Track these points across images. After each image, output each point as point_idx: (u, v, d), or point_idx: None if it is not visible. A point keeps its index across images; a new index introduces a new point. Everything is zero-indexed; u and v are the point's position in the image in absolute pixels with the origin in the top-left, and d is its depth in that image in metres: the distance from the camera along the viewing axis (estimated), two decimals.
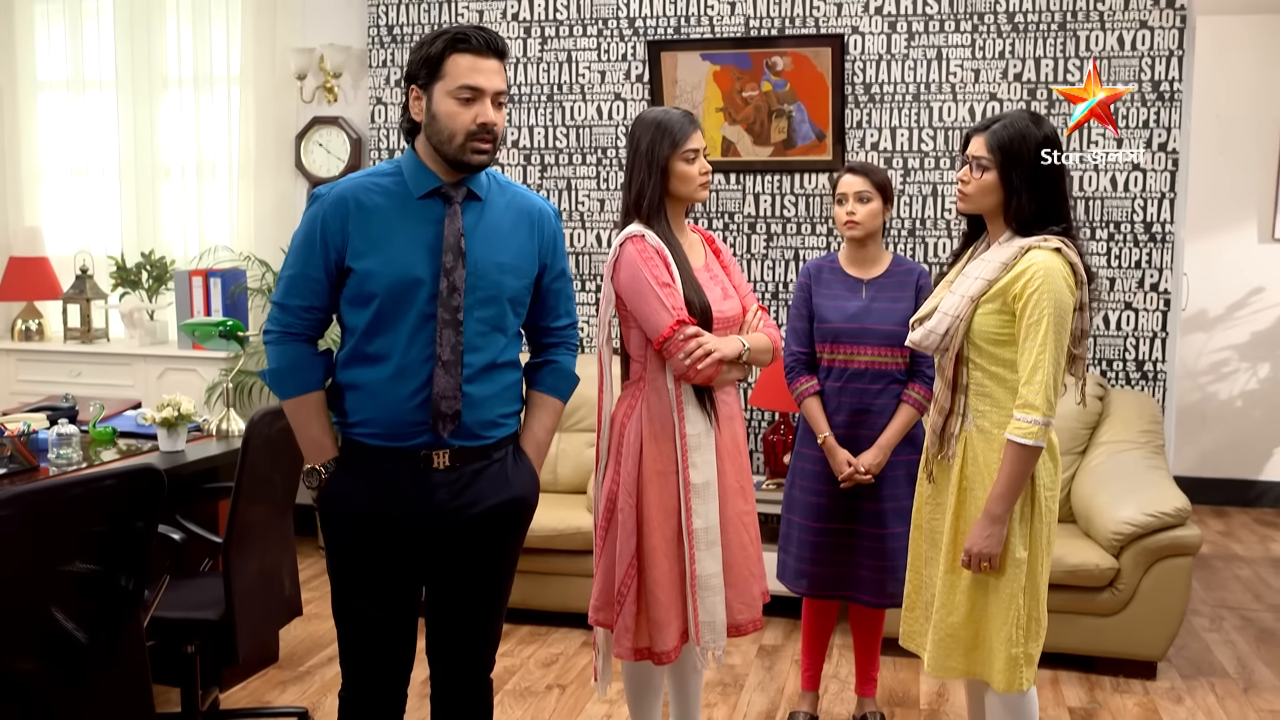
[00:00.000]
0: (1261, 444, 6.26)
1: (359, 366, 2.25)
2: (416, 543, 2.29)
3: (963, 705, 3.60)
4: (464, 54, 2.16)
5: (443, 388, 2.21)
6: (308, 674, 3.81)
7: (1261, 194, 6.12)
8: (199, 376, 5.02)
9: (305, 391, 2.28)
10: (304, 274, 2.25)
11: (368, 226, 2.21)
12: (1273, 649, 4.14)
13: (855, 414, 3.18)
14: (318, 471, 2.29)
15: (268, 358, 2.30)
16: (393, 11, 5.10)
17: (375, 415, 2.24)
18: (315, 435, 2.29)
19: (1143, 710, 3.59)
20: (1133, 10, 4.45)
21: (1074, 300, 2.44)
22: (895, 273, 3.26)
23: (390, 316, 2.21)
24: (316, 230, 2.23)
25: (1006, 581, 2.49)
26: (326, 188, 2.27)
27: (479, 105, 2.17)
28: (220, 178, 5.40)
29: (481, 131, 2.17)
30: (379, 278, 2.20)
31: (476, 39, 2.17)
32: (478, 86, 2.16)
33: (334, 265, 2.23)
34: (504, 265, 2.30)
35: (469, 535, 2.31)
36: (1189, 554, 3.72)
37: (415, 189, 2.24)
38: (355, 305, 2.24)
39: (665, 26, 4.84)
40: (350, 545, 2.31)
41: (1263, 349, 6.20)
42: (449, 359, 2.21)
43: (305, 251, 2.25)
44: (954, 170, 4.65)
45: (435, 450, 2.25)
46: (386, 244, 2.21)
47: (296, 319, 2.27)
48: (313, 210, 2.26)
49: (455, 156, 2.19)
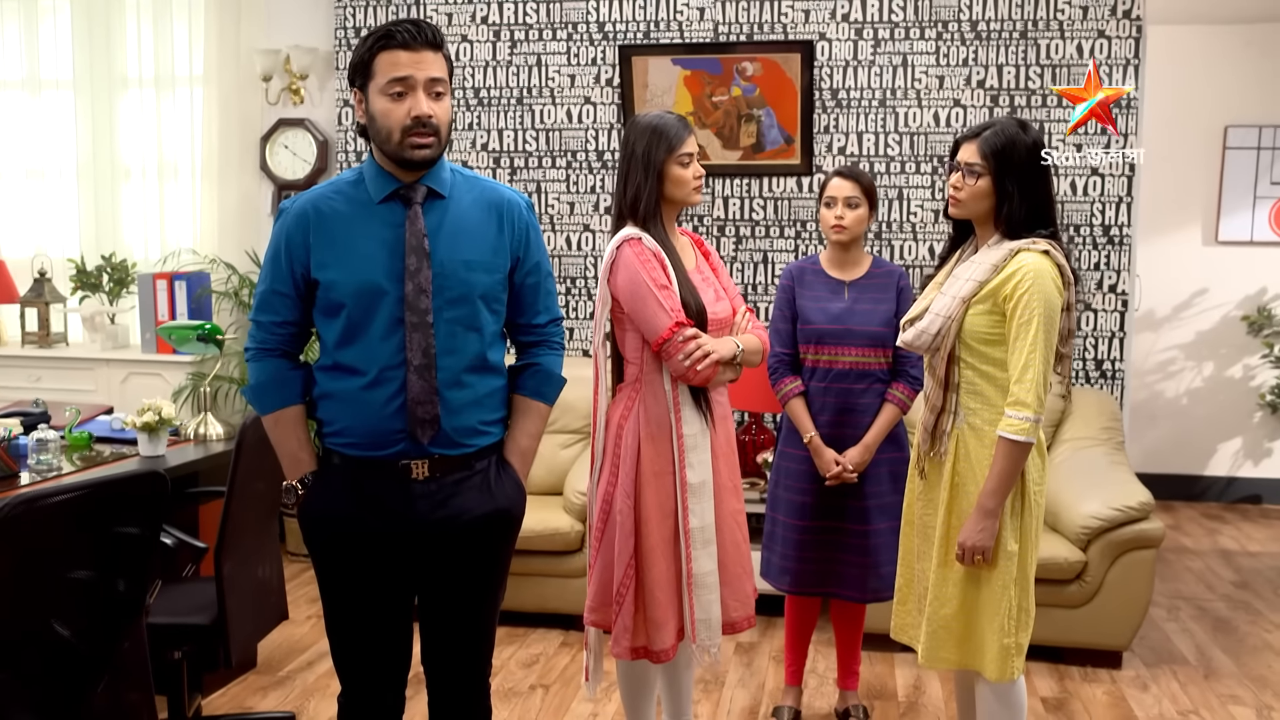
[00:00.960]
0: (1206, 440, 6.47)
1: (334, 376, 2.22)
2: (400, 554, 2.25)
3: (939, 697, 3.70)
4: (391, 49, 2.11)
5: (417, 393, 2.16)
6: (288, 679, 3.79)
7: (1205, 198, 6.32)
8: (164, 381, 4.96)
9: (283, 406, 2.25)
10: (273, 289, 2.23)
11: (329, 236, 2.18)
12: (1228, 637, 4.29)
13: (840, 413, 3.24)
14: (294, 487, 2.26)
15: (249, 374, 2.29)
16: (360, 13, 5.08)
17: (352, 424, 2.20)
18: (292, 450, 2.26)
19: (1111, 698, 3.70)
20: (1091, 20, 4.59)
21: (1062, 300, 2.53)
22: (876, 274, 3.33)
23: (360, 325, 2.17)
24: (281, 245, 2.21)
25: (998, 574, 2.57)
26: (291, 200, 2.25)
27: (410, 99, 2.11)
28: (182, 179, 5.34)
29: (416, 125, 2.11)
30: (343, 286, 2.16)
31: (402, 33, 2.12)
32: (405, 77, 2.11)
33: (300, 279, 2.20)
34: (472, 262, 2.23)
35: (453, 548, 2.27)
36: (1153, 546, 3.85)
37: (375, 193, 2.20)
38: (326, 316, 2.22)
39: (635, 31, 4.88)
40: (333, 558, 2.27)
41: (1207, 348, 6.40)
42: (421, 363, 2.16)
43: (273, 267, 2.22)
44: (919, 175, 4.76)
45: (414, 460, 2.20)
46: (348, 252, 2.17)
47: (270, 334, 2.25)
48: (278, 225, 2.24)
49: (396, 154, 2.15)
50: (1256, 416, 6.40)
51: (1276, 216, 6.26)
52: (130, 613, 2.39)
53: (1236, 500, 6.46)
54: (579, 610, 4.17)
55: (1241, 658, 4.07)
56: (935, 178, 4.76)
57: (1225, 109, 6.21)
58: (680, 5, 4.84)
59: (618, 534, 2.78)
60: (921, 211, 4.78)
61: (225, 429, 3.82)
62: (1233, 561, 5.32)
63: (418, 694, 2.66)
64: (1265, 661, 4.04)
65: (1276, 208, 6.25)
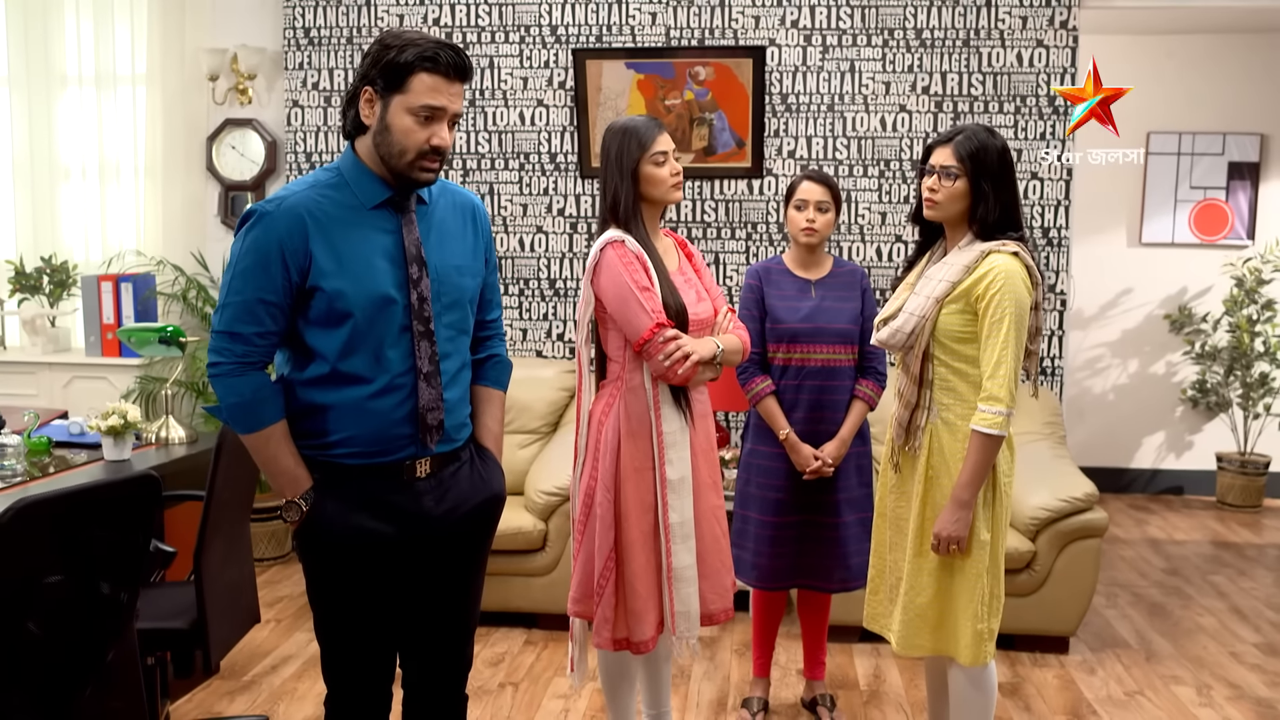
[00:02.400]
0: (1131, 435, 6.73)
1: (333, 387, 2.15)
2: (406, 555, 2.25)
3: (899, 685, 3.81)
4: (431, 73, 2.09)
5: (427, 400, 2.18)
6: (253, 683, 3.76)
7: (1130, 201, 6.57)
8: (110, 385, 4.88)
9: (273, 422, 2.14)
10: (258, 298, 2.09)
11: (330, 243, 2.11)
12: (1163, 621, 4.49)
13: (814, 410, 3.33)
14: (297, 504, 2.16)
15: (221, 392, 2.13)
16: (309, 14, 5.05)
17: (357, 433, 2.16)
18: (289, 466, 2.16)
19: (1061, 682, 3.85)
20: (1030, 30, 4.76)
21: (1030, 300, 2.65)
22: (839, 273, 3.43)
23: (365, 334, 2.13)
24: (273, 249, 2.08)
25: (972, 562, 2.68)
26: (268, 204, 2.11)
27: (436, 126, 2.11)
28: (125, 180, 5.25)
29: (433, 152, 2.12)
30: (352, 297, 2.10)
31: (446, 60, 2.10)
32: (440, 107, 2.11)
33: (294, 286, 2.10)
34: (461, 268, 2.27)
35: (454, 538, 2.31)
36: (1097, 535, 4.01)
37: (366, 199, 2.16)
38: (324, 326, 2.13)
39: (587, 35, 4.93)
40: (338, 570, 2.22)
41: (1132, 346, 6.66)
42: (429, 370, 2.18)
43: (258, 274, 2.08)
44: (866, 178, 4.88)
45: (418, 459, 2.22)
46: (351, 260, 2.12)
47: (253, 347, 2.11)
48: (261, 229, 2.09)
49: (403, 172, 2.13)
50: (1178, 411, 6.67)
51: (1196, 220, 6.54)
52: (121, 619, 2.37)
53: (1160, 491, 6.73)
54: (542, 609, 4.23)
55: (1178, 640, 4.26)
56: (881, 181, 4.89)
57: (1148, 116, 6.46)
58: (633, 10, 4.90)
59: (598, 527, 2.83)
60: (869, 214, 4.91)
61: (187, 433, 3.77)
62: (1161, 550, 5.55)
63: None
64: (1200, 643, 4.24)
65: (1196, 211, 6.52)
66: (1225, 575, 5.13)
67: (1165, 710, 3.63)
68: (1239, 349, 6.32)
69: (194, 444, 3.75)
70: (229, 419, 2.14)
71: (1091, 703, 3.68)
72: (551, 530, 4.20)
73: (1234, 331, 6.34)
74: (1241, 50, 6.33)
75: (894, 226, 4.90)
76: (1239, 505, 6.37)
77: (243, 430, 2.15)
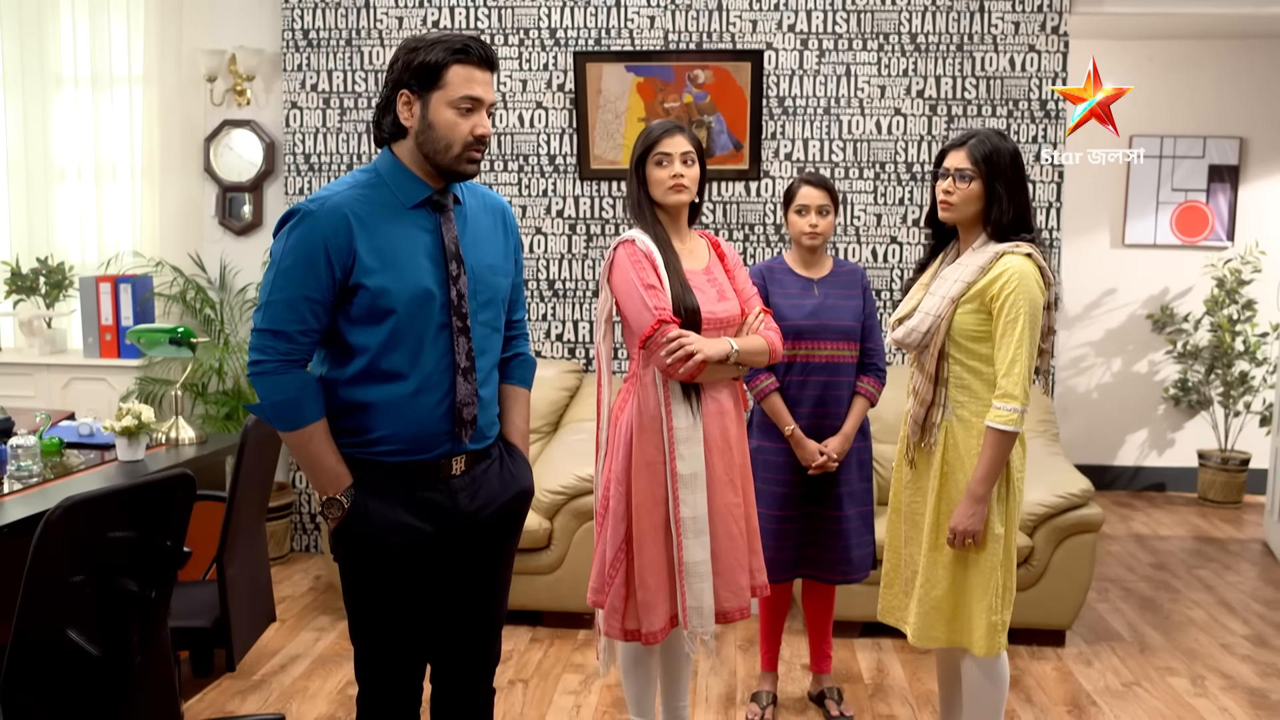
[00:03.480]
0: (1115, 432, 6.85)
1: (373, 384, 2.19)
2: (442, 551, 2.29)
3: (902, 678, 3.88)
4: (464, 65, 2.15)
5: (464, 395, 2.24)
6: (263, 682, 3.78)
7: (1113, 203, 6.69)
8: (109, 386, 4.87)
9: (315, 420, 2.18)
10: (302, 296, 2.13)
11: (373, 241, 2.16)
12: (1154, 614, 4.59)
13: (819, 405, 3.39)
14: (339, 501, 2.20)
15: (263, 390, 2.16)
16: (308, 15, 5.06)
17: (398, 431, 2.20)
18: (330, 464, 2.20)
19: (1060, 674, 3.94)
20: (1022, 35, 4.85)
21: (1043, 300, 2.72)
22: (840, 272, 3.50)
23: (406, 330, 2.17)
24: (318, 248, 2.12)
25: (986, 555, 2.75)
26: (311, 203, 2.16)
27: (477, 116, 2.17)
28: (121, 180, 5.24)
29: (476, 143, 2.18)
30: (395, 294, 2.15)
31: (476, 50, 2.16)
32: (478, 97, 2.16)
33: (338, 284, 2.14)
34: (495, 267, 2.33)
35: (485, 534, 2.35)
36: (1093, 530, 4.10)
37: (406, 198, 2.21)
38: (366, 323, 2.17)
39: (586, 38, 4.98)
40: (377, 567, 2.26)
41: (1115, 345, 6.78)
42: (466, 366, 2.23)
43: (303, 272, 2.13)
44: (861, 180, 4.96)
45: (453, 457, 2.27)
46: (394, 258, 2.17)
47: (296, 344, 2.15)
48: (305, 227, 2.14)
49: (450, 166, 2.19)
50: (1160, 409, 6.79)
51: (1177, 221, 6.67)
52: (156, 617, 2.39)
53: (1143, 488, 6.85)
54: (546, 606, 4.28)
55: (1170, 633, 4.36)
56: (877, 183, 4.96)
57: (1131, 120, 6.57)
58: (631, 13, 4.95)
59: (610, 519, 2.88)
60: (864, 215, 4.98)
61: (197, 433, 3.79)
62: (1147, 545, 5.66)
63: None
64: (1191, 636, 4.34)
65: (1177, 213, 6.65)
66: (1211, 570, 5.25)
67: (1162, 700, 3.72)
68: (1220, 348, 6.44)
69: (204, 444, 3.76)
70: (271, 417, 2.16)
71: (1091, 694, 3.76)
72: (556, 528, 4.24)
73: (1215, 331, 6.47)
74: (1222, 55, 6.47)
75: (889, 228, 4.98)
76: (1220, 501, 6.50)
77: (285, 428, 2.18)
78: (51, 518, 2.01)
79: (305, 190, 5.13)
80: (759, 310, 2.98)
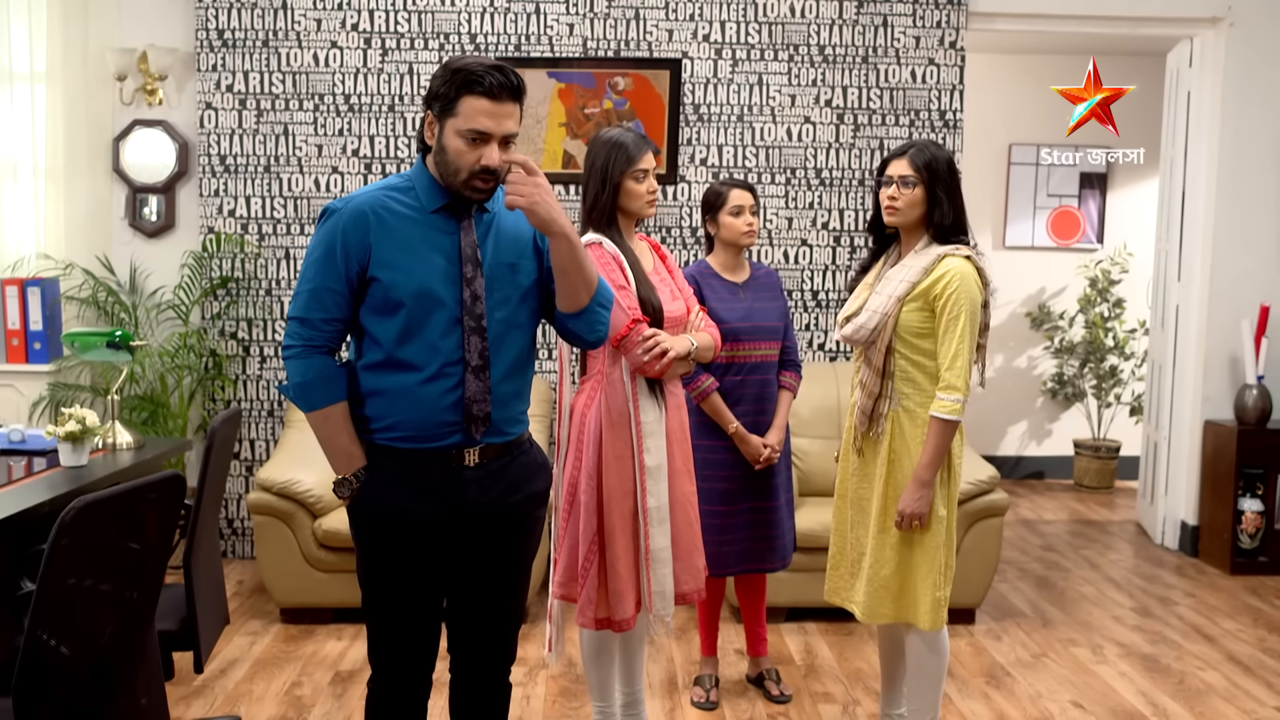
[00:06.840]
0: (998, 424, 7.26)
1: (387, 372, 2.31)
2: (450, 537, 2.38)
3: (830, 658, 4.09)
4: (476, 96, 2.21)
5: (474, 392, 2.32)
6: (205, 688, 3.75)
7: (994, 207, 7.09)
8: (18, 392, 4.74)
9: (333, 402, 2.32)
10: (325, 287, 2.30)
11: (389, 238, 2.29)
12: (1050, 591, 4.93)
13: (758, 402, 3.57)
14: (349, 481, 2.34)
15: (290, 372, 2.33)
16: (223, 15, 5.01)
17: (405, 418, 2.31)
18: (344, 445, 2.34)
19: (974, 649, 4.21)
20: (922, 49, 5.14)
21: (981, 298, 2.94)
22: (759, 276, 3.69)
23: (419, 323, 2.29)
24: (337, 242, 2.29)
25: (931, 536, 2.96)
26: (341, 201, 2.33)
27: (485, 148, 2.24)
28: (23, 180, 5.07)
29: (483, 172, 2.25)
30: (403, 287, 2.27)
31: (491, 82, 2.21)
32: (486, 131, 2.23)
33: (355, 276, 2.29)
34: (516, 266, 2.41)
35: (498, 528, 2.43)
36: (999, 515, 4.40)
37: (429, 203, 2.33)
38: (381, 315, 2.30)
39: (506, 44, 5.06)
40: (385, 546, 2.37)
41: (997, 342, 7.18)
42: (477, 364, 2.32)
43: (325, 264, 2.30)
44: (774, 185, 5.17)
45: (466, 448, 2.36)
46: (408, 255, 2.29)
47: (318, 332, 2.31)
48: (330, 224, 2.31)
49: (458, 190, 2.29)
50: (1039, 401, 7.23)
51: (1052, 225, 7.11)
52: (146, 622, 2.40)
53: (1024, 477, 7.28)
54: None
55: (1067, 608, 4.70)
56: (788, 188, 5.18)
57: (1009, 129, 7.00)
58: (551, 20, 5.05)
59: (582, 513, 3.00)
60: (776, 219, 5.19)
61: (134, 438, 3.73)
62: (1035, 529, 6.05)
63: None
64: (1085, 610, 4.68)
65: (1053, 217, 7.09)
66: (1094, 550, 5.64)
67: (1069, 669, 4.02)
68: (1092, 344, 6.90)
69: (141, 449, 3.72)
70: (295, 397, 2.33)
71: (1004, 666, 4.04)
72: None
73: (1088, 328, 6.93)
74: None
75: (800, 231, 5.20)
76: (1094, 487, 6.96)
77: (305, 408, 2.34)
78: (65, 520, 2.01)
79: (221, 191, 5.07)
80: (698, 309, 3.15)
